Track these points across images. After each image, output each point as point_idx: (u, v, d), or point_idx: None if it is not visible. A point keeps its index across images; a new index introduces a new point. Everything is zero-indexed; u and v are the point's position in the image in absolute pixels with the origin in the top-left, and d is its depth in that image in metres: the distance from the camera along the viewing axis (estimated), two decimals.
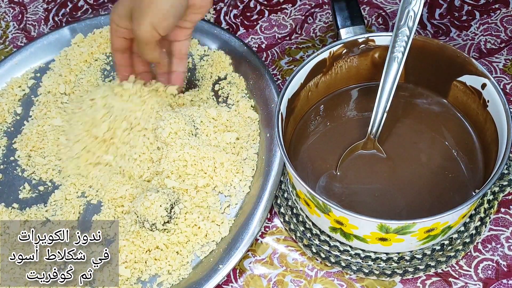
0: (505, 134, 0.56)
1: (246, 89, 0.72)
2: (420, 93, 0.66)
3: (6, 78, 0.78)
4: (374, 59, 0.65)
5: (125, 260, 0.60)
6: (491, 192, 0.62)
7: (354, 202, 0.59)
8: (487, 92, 0.59)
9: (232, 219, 0.63)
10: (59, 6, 0.88)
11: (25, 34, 0.86)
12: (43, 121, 0.72)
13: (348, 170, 0.61)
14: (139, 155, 0.66)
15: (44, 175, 0.69)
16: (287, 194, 0.64)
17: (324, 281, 0.59)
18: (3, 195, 0.68)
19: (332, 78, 0.66)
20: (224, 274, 0.59)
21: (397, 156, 0.62)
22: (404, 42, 0.60)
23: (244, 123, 0.69)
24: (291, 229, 0.62)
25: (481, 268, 0.59)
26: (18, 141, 0.72)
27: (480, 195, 0.52)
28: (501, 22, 0.76)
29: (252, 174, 0.65)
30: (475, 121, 0.63)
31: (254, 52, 0.74)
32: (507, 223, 0.61)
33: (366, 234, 0.55)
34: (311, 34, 0.79)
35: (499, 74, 0.71)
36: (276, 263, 0.61)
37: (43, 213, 0.65)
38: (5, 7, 0.89)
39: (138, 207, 0.60)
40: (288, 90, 0.61)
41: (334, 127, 0.65)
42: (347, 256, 0.60)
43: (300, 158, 0.63)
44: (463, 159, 0.61)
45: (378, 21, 0.79)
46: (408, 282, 0.59)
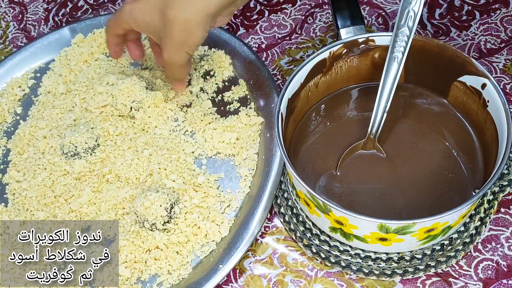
0: (505, 134, 0.56)
1: (246, 89, 0.72)
2: (420, 93, 0.66)
3: (6, 78, 0.78)
4: (374, 59, 0.65)
5: (125, 260, 0.60)
6: (491, 192, 0.62)
7: (354, 202, 0.59)
8: (487, 92, 0.59)
9: (232, 219, 0.63)
10: (59, 6, 0.88)
11: (25, 34, 0.86)
12: (36, 122, 0.72)
13: (348, 170, 0.61)
14: (132, 159, 0.66)
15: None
16: (287, 194, 0.64)
17: (324, 281, 0.59)
18: (3, 195, 0.68)
19: (332, 78, 0.66)
20: (224, 274, 0.59)
21: (397, 156, 0.62)
22: (404, 42, 0.60)
23: (246, 126, 0.69)
24: (291, 229, 0.62)
25: (481, 268, 0.59)
26: (11, 142, 0.72)
27: (480, 195, 0.52)
28: (501, 22, 0.76)
29: (252, 174, 0.66)
30: (475, 121, 0.63)
31: (254, 52, 0.74)
32: (507, 223, 0.61)
33: (366, 234, 0.55)
34: (311, 34, 0.79)
35: (499, 74, 0.71)
36: (276, 263, 0.61)
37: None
38: (5, 7, 0.89)
39: (138, 207, 0.60)
40: (288, 90, 0.61)
41: (334, 127, 0.65)
42: (347, 256, 0.60)
43: (300, 158, 0.63)
44: (463, 159, 0.61)
45: (378, 21, 0.79)
46: (408, 282, 0.59)
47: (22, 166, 0.69)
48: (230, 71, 0.74)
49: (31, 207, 0.65)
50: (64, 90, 0.75)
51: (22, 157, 0.70)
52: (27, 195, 0.66)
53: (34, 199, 0.65)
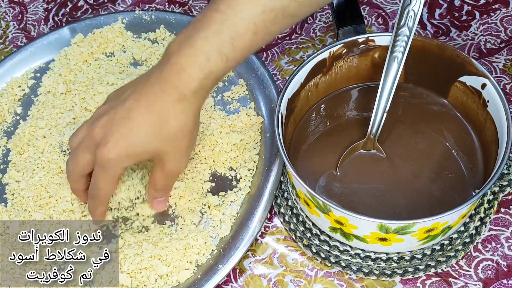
0: (505, 134, 0.56)
1: (246, 89, 0.72)
2: (420, 93, 0.66)
3: (6, 78, 0.78)
4: (374, 59, 0.65)
5: (125, 260, 0.60)
6: (491, 192, 0.62)
7: (354, 202, 0.59)
8: (487, 92, 0.59)
9: (232, 218, 0.63)
10: (59, 6, 0.88)
11: (25, 34, 0.86)
12: (35, 122, 0.72)
13: (348, 170, 0.61)
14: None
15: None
16: (287, 194, 0.64)
17: (324, 281, 0.59)
18: (2, 195, 0.68)
19: (332, 78, 0.66)
20: (224, 274, 0.59)
21: (397, 156, 0.62)
22: (404, 42, 0.60)
23: (246, 126, 0.69)
24: (291, 229, 0.62)
25: (481, 268, 0.59)
26: (11, 142, 0.72)
27: (480, 195, 0.52)
28: (501, 22, 0.76)
29: (252, 174, 0.66)
30: (475, 121, 0.63)
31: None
32: (507, 223, 0.61)
33: (366, 234, 0.55)
34: (311, 34, 0.79)
35: (499, 74, 0.71)
36: (276, 263, 0.61)
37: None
38: (5, 7, 0.89)
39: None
40: (288, 90, 0.61)
41: (334, 127, 0.65)
42: (347, 256, 0.60)
43: (300, 158, 0.63)
44: (463, 159, 0.61)
45: (378, 21, 0.79)
46: (408, 282, 0.59)
47: (22, 166, 0.69)
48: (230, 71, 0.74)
49: (29, 208, 0.65)
50: (64, 90, 0.75)
51: (22, 157, 0.70)
52: (24, 195, 0.66)
53: (31, 199, 0.65)
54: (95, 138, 0.57)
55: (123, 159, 0.56)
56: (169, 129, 0.55)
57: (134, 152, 0.56)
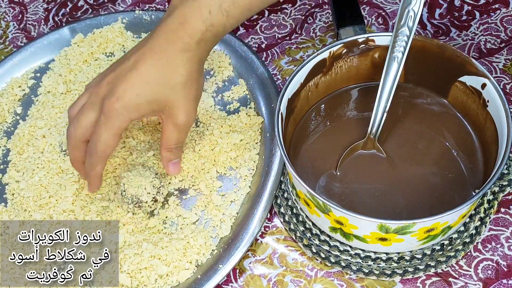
0: (505, 134, 0.56)
1: (246, 89, 0.72)
2: (420, 93, 0.66)
3: (6, 78, 0.78)
4: (374, 59, 0.65)
5: (125, 260, 0.60)
6: (491, 192, 0.62)
7: (354, 202, 0.59)
8: (487, 92, 0.59)
9: (232, 218, 0.63)
10: (59, 6, 0.88)
11: (25, 34, 0.86)
12: (35, 121, 0.72)
13: (348, 170, 0.61)
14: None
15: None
16: (287, 194, 0.64)
17: (324, 281, 0.59)
18: (2, 195, 0.68)
19: (332, 78, 0.66)
20: (224, 274, 0.59)
21: (397, 156, 0.62)
22: (404, 42, 0.60)
23: (247, 126, 0.69)
24: (291, 229, 0.62)
25: (481, 268, 0.59)
26: (11, 142, 0.72)
27: (480, 195, 0.52)
28: (501, 22, 0.76)
29: (252, 174, 0.66)
30: (475, 121, 0.63)
31: (254, 52, 0.74)
32: (507, 223, 0.61)
33: (366, 234, 0.55)
34: (311, 34, 0.79)
35: (499, 74, 0.71)
36: (276, 263, 0.61)
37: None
38: (5, 7, 0.89)
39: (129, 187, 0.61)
40: (288, 90, 0.61)
41: (334, 127, 0.65)
42: (347, 256, 0.60)
43: (300, 158, 0.63)
44: (463, 159, 0.61)
45: (378, 21, 0.79)
46: (408, 282, 0.59)
47: (21, 166, 0.69)
48: (230, 71, 0.74)
49: (29, 208, 0.65)
50: (64, 90, 0.75)
51: (21, 157, 0.70)
52: (24, 195, 0.66)
53: (31, 199, 0.65)
54: (101, 94, 0.56)
55: (132, 110, 0.55)
56: (178, 77, 0.56)
57: (143, 102, 0.55)
